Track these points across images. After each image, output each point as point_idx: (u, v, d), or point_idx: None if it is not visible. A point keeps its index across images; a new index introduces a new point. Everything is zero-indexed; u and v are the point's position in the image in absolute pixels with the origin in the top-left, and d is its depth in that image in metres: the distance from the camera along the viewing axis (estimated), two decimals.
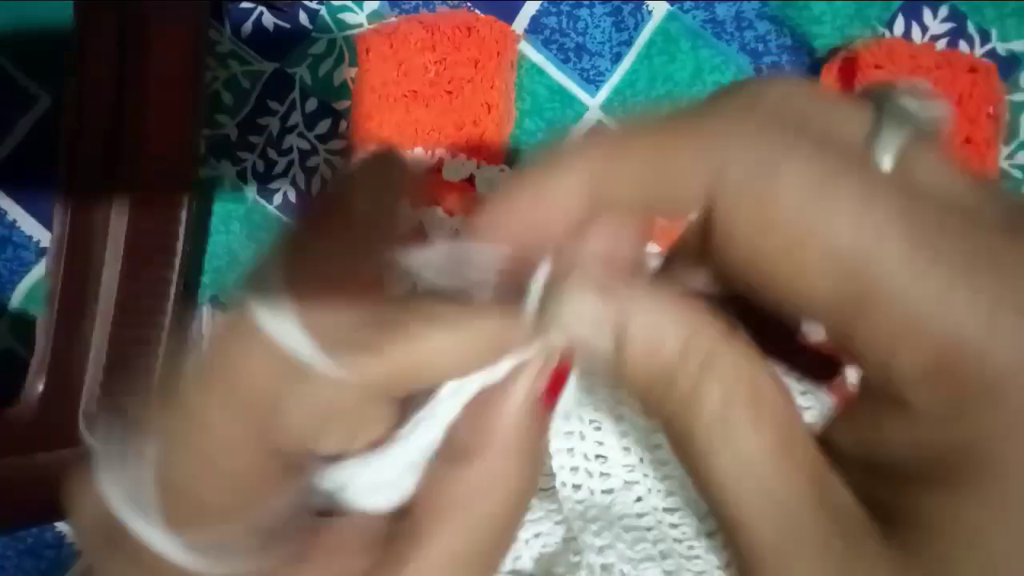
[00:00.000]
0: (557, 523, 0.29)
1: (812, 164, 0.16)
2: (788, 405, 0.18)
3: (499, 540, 0.20)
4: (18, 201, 0.51)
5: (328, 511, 0.20)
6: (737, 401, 0.17)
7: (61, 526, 0.53)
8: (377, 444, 0.20)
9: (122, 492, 0.18)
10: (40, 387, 0.46)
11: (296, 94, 0.51)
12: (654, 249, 0.21)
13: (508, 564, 0.28)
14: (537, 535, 0.28)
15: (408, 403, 0.20)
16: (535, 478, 0.20)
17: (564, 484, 0.30)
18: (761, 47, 0.51)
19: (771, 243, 0.16)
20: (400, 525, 0.19)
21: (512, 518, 0.20)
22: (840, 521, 0.17)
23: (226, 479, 0.18)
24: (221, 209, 0.51)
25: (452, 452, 0.19)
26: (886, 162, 0.17)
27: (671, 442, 0.19)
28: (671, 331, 0.17)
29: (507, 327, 0.19)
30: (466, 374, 0.19)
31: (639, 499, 0.30)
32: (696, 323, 0.17)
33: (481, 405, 0.19)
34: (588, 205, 0.18)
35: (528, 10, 0.51)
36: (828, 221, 0.15)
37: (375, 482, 0.20)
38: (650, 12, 0.51)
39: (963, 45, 0.50)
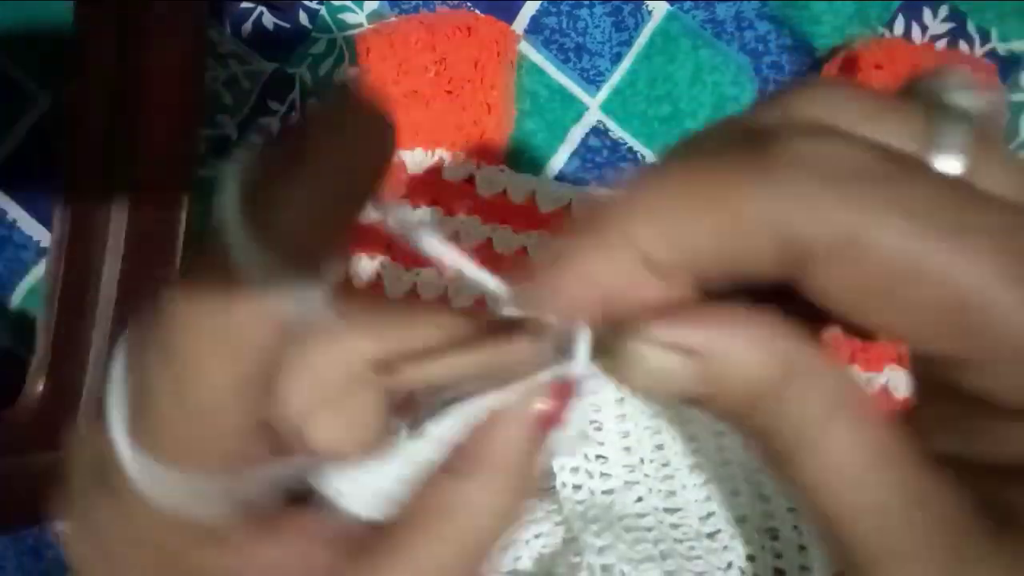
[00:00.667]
0: (557, 523, 0.29)
1: (896, 206, 0.15)
2: (881, 414, 0.18)
3: (476, 556, 0.20)
4: (18, 201, 0.51)
5: (304, 501, 0.20)
6: (838, 411, 0.17)
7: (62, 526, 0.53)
8: (373, 450, 0.20)
9: (119, 418, 0.17)
10: (40, 387, 0.46)
11: (296, 94, 0.51)
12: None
13: (508, 564, 0.28)
14: (537, 536, 0.28)
15: (403, 409, 0.20)
16: (522, 501, 0.20)
17: (564, 484, 0.30)
18: (761, 47, 0.51)
19: (874, 287, 0.16)
20: (378, 528, 0.19)
21: (493, 537, 0.20)
22: (947, 522, 0.17)
23: (210, 434, 0.18)
24: None
25: (446, 465, 0.19)
26: (953, 168, 0.16)
27: (765, 455, 0.18)
28: (760, 355, 0.17)
29: (519, 350, 0.19)
30: (461, 378, 0.20)
31: (640, 499, 0.30)
32: (783, 341, 0.17)
33: (483, 424, 0.19)
34: (640, 272, 0.17)
35: (528, 10, 0.51)
36: (928, 260, 0.15)
37: (371, 491, 0.20)
38: (650, 12, 0.51)
39: (963, 45, 0.50)
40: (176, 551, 0.18)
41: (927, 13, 0.50)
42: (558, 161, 0.51)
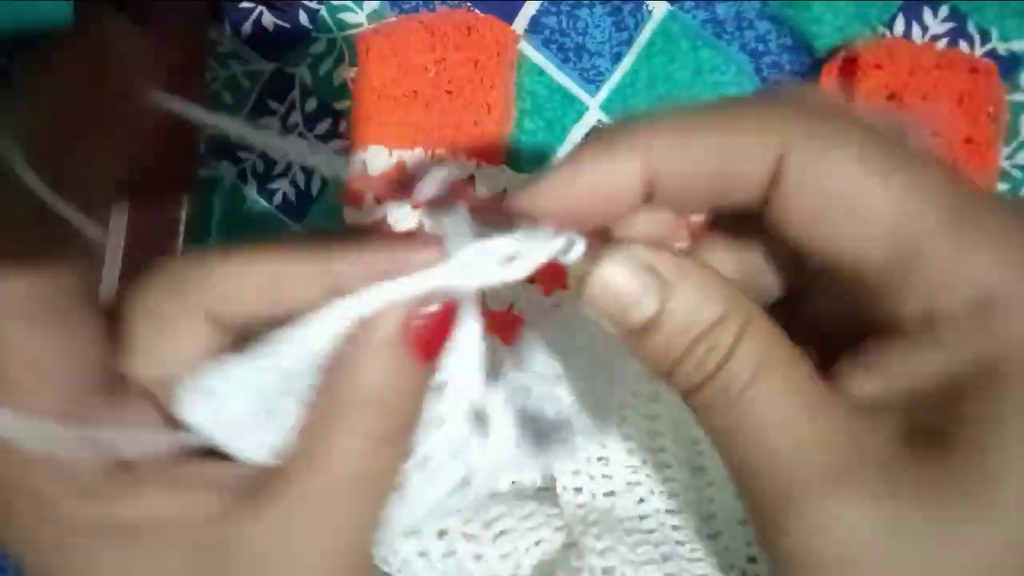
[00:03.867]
0: (557, 529, 0.29)
1: (867, 144, 0.18)
2: (812, 368, 0.19)
3: (358, 503, 0.20)
4: None
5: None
6: (772, 363, 0.19)
7: None
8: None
9: None
10: None
11: (296, 94, 0.51)
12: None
13: (508, 572, 0.28)
14: (537, 543, 0.28)
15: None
16: (400, 439, 0.20)
17: (565, 488, 0.30)
18: (761, 47, 0.51)
19: (832, 212, 0.18)
20: (264, 474, 0.20)
21: (372, 482, 0.20)
22: (873, 453, 0.19)
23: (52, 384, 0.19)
24: (221, 209, 0.51)
25: (316, 399, 0.20)
26: None
27: (700, 408, 0.19)
28: (713, 297, 0.19)
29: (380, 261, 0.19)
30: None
31: (641, 500, 0.30)
32: (734, 294, 0.19)
33: (349, 342, 0.19)
34: (642, 190, 0.19)
35: (528, 10, 0.51)
36: (882, 193, 0.18)
37: (242, 411, 0.19)
38: (650, 12, 0.51)
39: (963, 45, 0.50)
40: (49, 500, 0.19)
41: (927, 13, 0.50)
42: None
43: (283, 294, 0.20)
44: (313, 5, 0.51)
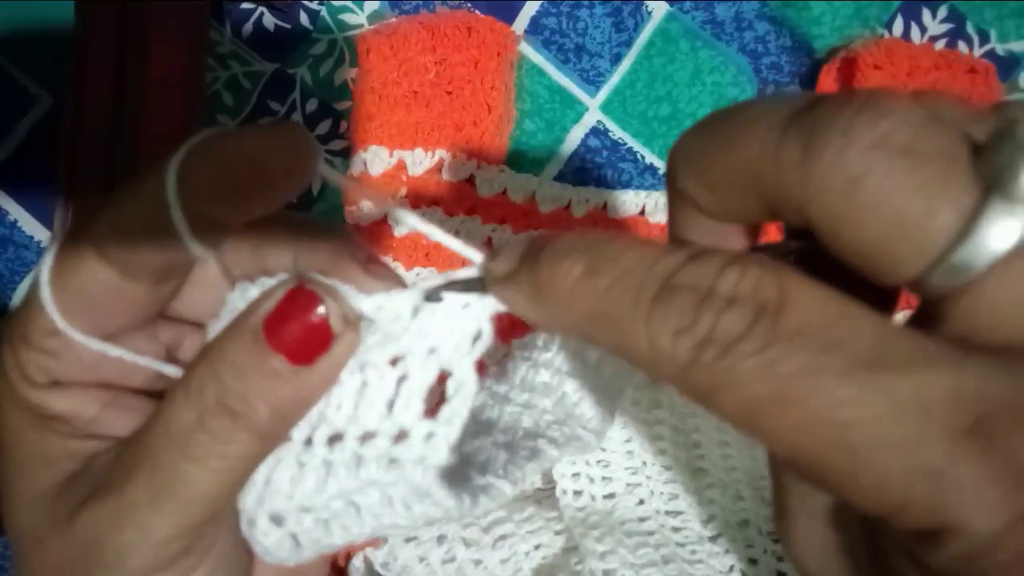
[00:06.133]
0: (557, 533, 0.29)
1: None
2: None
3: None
4: (18, 201, 0.51)
5: None
6: (899, 335, 0.17)
7: None
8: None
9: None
10: None
11: (297, 94, 0.51)
12: None
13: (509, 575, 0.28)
14: (537, 547, 0.28)
15: None
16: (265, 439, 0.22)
17: (565, 492, 0.30)
18: (761, 47, 0.51)
19: (863, 219, 0.17)
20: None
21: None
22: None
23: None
24: None
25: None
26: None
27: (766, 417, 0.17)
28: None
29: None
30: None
31: (641, 502, 0.30)
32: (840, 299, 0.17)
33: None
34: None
35: (528, 10, 0.51)
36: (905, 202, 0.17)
37: None
38: (650, 12, 0.51)
39: (962, 45, 0.50)
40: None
41: (926, 14, 0.50)
42: (558, 161, 0.51)
43: (264, 254, 0.23)
44: (313, 6, 0.51)
